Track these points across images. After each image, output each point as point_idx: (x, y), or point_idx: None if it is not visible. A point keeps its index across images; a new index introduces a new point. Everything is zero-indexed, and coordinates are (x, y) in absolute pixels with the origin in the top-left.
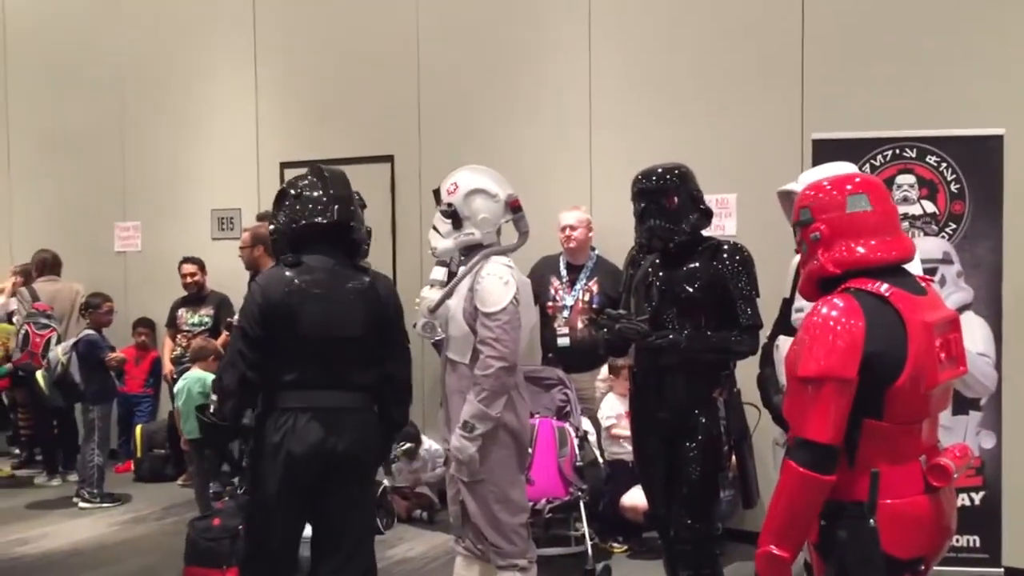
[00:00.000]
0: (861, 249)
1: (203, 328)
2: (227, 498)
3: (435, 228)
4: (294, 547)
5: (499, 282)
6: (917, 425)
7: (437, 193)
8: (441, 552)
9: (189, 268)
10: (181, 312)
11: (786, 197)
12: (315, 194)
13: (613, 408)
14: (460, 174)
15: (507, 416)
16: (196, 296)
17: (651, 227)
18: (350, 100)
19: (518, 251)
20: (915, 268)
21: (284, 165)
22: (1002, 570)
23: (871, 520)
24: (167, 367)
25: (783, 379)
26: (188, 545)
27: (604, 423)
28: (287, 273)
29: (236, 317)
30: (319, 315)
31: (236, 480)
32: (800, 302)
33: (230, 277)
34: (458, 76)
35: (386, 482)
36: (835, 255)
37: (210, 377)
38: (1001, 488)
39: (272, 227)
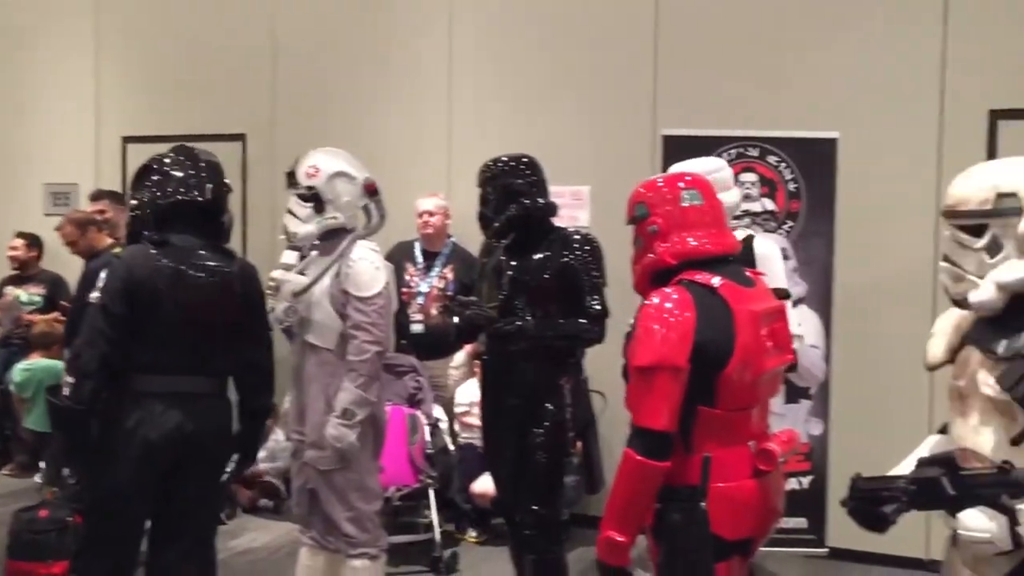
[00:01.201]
0: (694, 241)
1: (34, 307)
2: (55, 488)
3: (291, 212)
4: (140, 535)
5: (371, 267)
6: (747, 412)
7: (292, 175)
8: (286, 542)
9: (16, 243)
10: (8, 290)
11: None
12: (186, 172)
13: (470, 395)
14: (318, 157)
15: None
16: (25, 273)
17: (480, 214)
18: (200, 74)
19: (374, 236)
20: (778, 265)
21: (127, 140)
22: (827, 550)
23: (702, 503)
24: None
25: None
26: (11, 537)
27: (459, 409)
28: (152, 251)
29: (95, 295)
30: (184, 297)
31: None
32: None
33: (66, 255)
34: (316, 56)
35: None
36: (672, 247)
37: (60, 365)
38: (827, 473)
39: (135, 203)
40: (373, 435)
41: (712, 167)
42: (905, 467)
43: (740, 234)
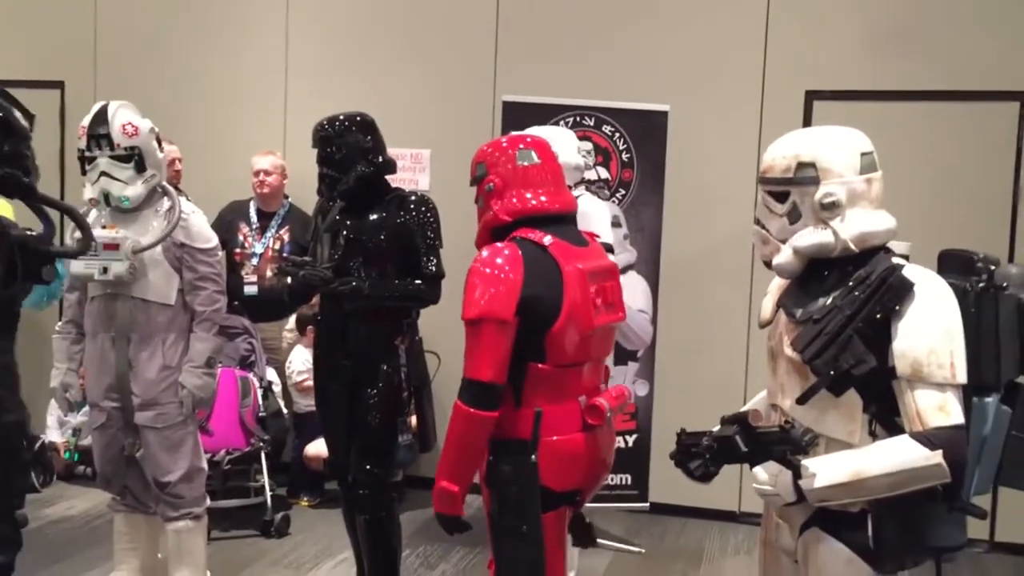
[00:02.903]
0: (530, 198)
1: None
2: None
3: (108, 175)
4: None
5: (204, 219)
6: (577, 368)
7: (100, 137)
8: (104, 510)
9: None
10: None
11: None
12: None
13: (304, 361)
14: (127, 113)
15: None
16: None
17: (319, 174)
18: (13, 17)
19: (206, 195)
20: (605, 230)
21: None
22: (648, 505)
23: (532, 456)
24: None
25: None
26: None
27: (295, 377)
28: None
29: None
30: None
31: None
32: None
33: None
34: (144, 2)
35: (44, 437)
36: (506, 205)
37: None
38: (651, 432)
39: None
40: None
41: (550, 133)
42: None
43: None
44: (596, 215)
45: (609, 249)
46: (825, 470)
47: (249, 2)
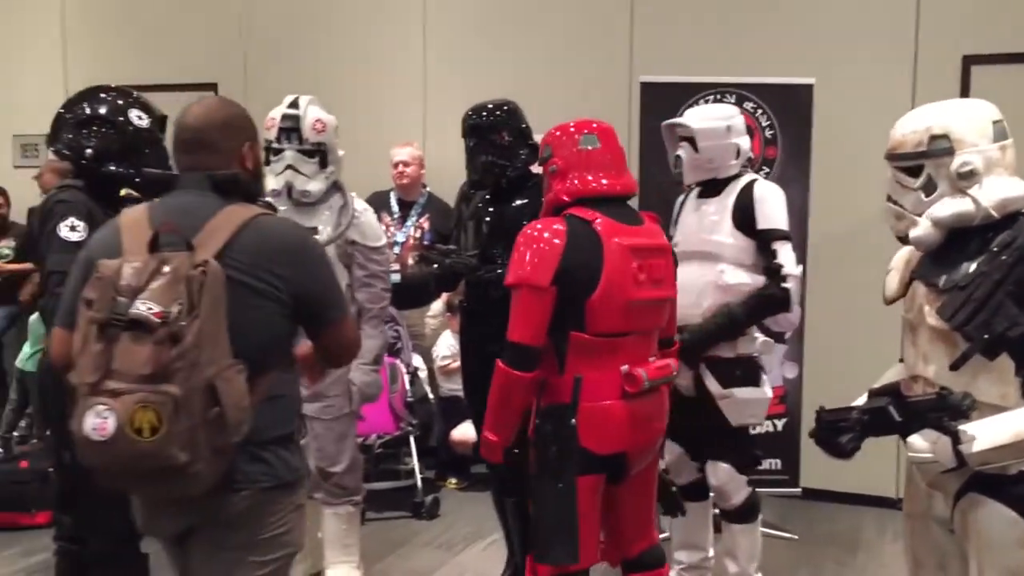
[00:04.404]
0: (590, 180)
1: (5, 260)
2: (34, 440)
3: (295, 169)
4: None
5: (375, 218)
6: (620, 339)
7: (291, 131)
8: None
9: None
10: None
11: (670, 129)
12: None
13: (449, 346)
14: (317, 110)
15: None
16: None
17: (484, 163)
18: (169, 23)
19: (350, 186)
20: (773, 206)
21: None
22: (800, 490)
23: (572, 419)
24: None
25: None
26: None
27: (440, 361)
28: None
29: None
30: None
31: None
32: (680, 235)
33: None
34: (288, 2)
35: None
36: (567, 186)
37: None
38: (801, 415)
39: None
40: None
41: (725, 113)
42: (864, 398)
43: (747, 177)
44: (770, 201)
45: (780, 235)
46: (985, 433)
47: None
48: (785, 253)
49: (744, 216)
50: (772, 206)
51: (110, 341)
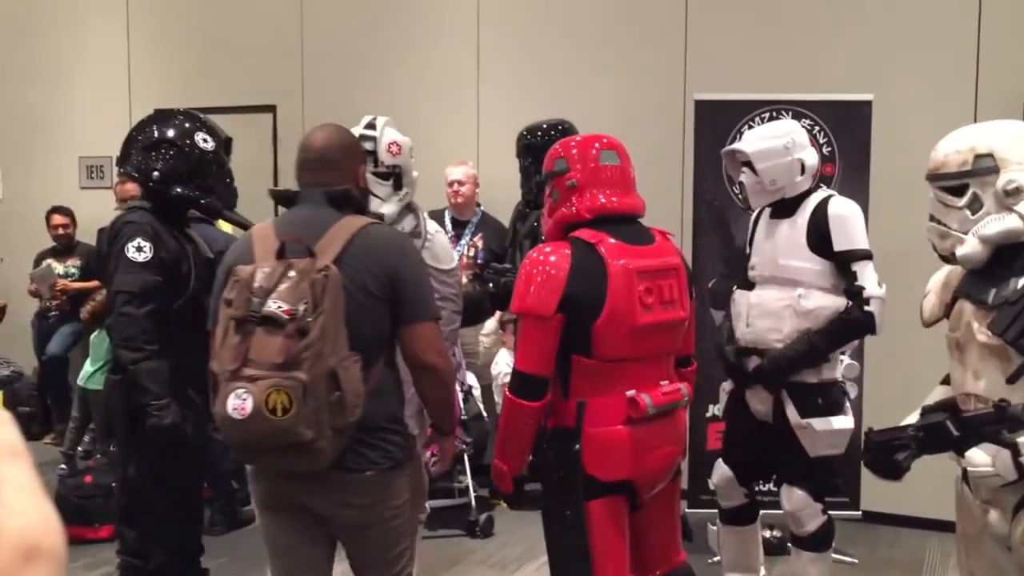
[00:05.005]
0: (610, 194)
1: (71, 279)
2: (98, 455)
3: (371, 192)
4: None
5: (447, 240)
6: (625, 364)
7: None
8: None
9: (60, 219)
10: (46, 262)
11: (730, 156)
12: None
13: (507, 363)
14: (393, 133)
15: None
16: (64, 247)
17: (539, 182)
18: (230, 47)
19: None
20: (854, 226)
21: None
22: (860, 513)
23: (576, 445)
24: None
25: (738, 331)
26: (58, 503)
27: (501, 379)
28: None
29: None
30: None
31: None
32: (756, 257)
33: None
34: (343, 25)
35: None
36: (585, 203)
37: None
38: (861, 437)
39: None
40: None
41: (781, 131)
42: (915, 417)
43: (820, 195)
44: (850, 220)
45: (863, 255)
46: None
47: (440, 13)
48: (867, 274)
49: (820, 237)
50: (849, 224)
51: (246, 335)
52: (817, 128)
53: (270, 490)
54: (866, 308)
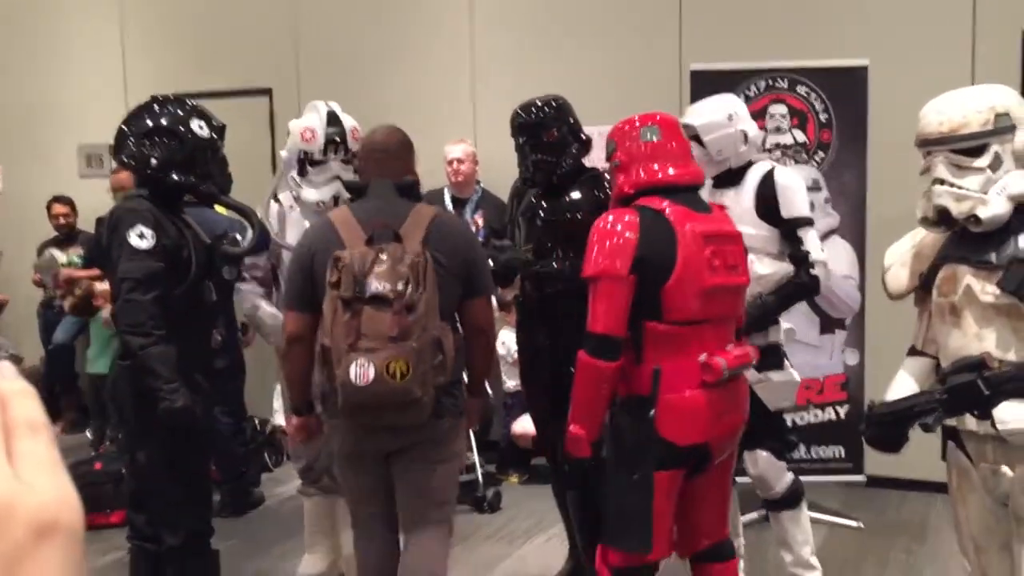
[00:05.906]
0: (656, 170)
1: (75, 267)
2: (108, 443)
3: (340, 179)
4: None
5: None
6: (697, 327)
7: (338, 142)
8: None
9: (61, 208)
10: (48, 251)
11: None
12: None
13: (510, 341)
14: (349, 118)
15: None
16: (66, 236)
17: (534, 161)
18: (225, 31)
19: None
20: (797, 195)
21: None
22: (864, 478)
23: (650, 411)
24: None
25: None
26: None
27: (508, 357)
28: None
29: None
30: None
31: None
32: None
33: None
34: (339, 6)
35: (272, 421)
36: (630, 178)
37: None
38: (863, 402)
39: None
40: None
41: (724, 102)
42: (897, 393)
43: (763, 166)
44: (794, 189)
45: (805, 223)
46: None
47: None
48: (811, 240)
49: (768, 206)
50: (795, 193)
51: (355, 313)
52: (814, 95)
53: (365, 443)
54: (812, 272)
